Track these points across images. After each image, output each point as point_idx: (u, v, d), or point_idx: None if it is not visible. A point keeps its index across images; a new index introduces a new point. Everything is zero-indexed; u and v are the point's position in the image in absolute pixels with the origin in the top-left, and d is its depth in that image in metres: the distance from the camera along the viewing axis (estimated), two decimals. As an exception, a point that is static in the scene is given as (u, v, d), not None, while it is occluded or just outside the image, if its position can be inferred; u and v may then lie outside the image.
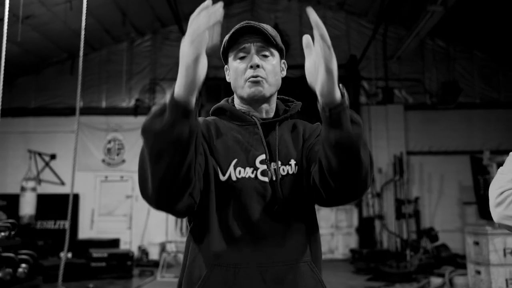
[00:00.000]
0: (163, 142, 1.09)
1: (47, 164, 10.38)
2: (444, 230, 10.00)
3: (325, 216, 11.04)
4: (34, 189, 9.07)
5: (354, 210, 11.12)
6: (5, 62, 5.03)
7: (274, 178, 1.38)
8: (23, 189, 9.01)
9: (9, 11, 5.29)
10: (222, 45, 1.50)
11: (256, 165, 1.39)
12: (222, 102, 1.56)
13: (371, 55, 11.40)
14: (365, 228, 10.55)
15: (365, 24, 11.70)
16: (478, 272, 5.07)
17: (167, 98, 1.11)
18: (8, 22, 5.28)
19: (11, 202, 9.45)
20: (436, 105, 11.03)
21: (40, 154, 10.12)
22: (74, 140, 5.28)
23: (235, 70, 1.46)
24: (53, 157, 10.42)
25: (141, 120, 10.93)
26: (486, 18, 10.06)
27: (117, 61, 11.41)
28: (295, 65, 11.60)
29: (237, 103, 1.53)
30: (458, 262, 7.48)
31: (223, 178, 1.36)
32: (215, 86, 11.03)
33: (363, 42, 10.77)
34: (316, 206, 1.46)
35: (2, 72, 4.93)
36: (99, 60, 11.38)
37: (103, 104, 11.29)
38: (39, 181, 9.48)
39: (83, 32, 5.32)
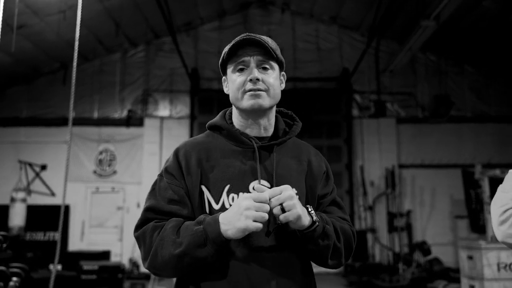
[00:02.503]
0: (202, 263, 1.29)
1: (37, 174, 10.26)
2: (436, 244, 10.00)
3: (317, 229, 10.98)
4: (24, 200, 8.95)
5: (347, 223, 11.08)
6: (-2, 72, 4.99)
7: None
8: (12, 199, 8.89)
9: (2, 21, 5.25)
10: (222, 57, 1.49)
11: (250, 191, 1.37)
12: (219, 118, 1.53)
13: (364, 69, 11.47)
14: (358, 241, 10.49)
15: (357, 38, 11.80)
16: (472, 287, 5.07)
17: (211, 234, 1.26)
18: (1, 31, 5.24)
19: (0, 213, 9.33)
20: (428, 118, 11.10)
21: (30, 165, 10.01)
22: (66, 151, 5.21)
23: (234, 83, 1.44)
24: (43, 167, 10.31)
25: (133, 131, 10.92)
26: (477, 33, 10.19)
27: (110, 72, 11.39)
28: (288, 77, 11.66)
29: (235, 116, 1.50)
30: (451, 276, 7.47)
31: (216, 207, 1.36)
32: (208, 97, 11.04)
33: (356, 55, 10.84)
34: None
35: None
36: (92, 70, 11.33)
37: (95, 115, 11.22)
38: (29, 191, 9.36)
39: (76, 43, 5.29)
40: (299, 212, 1.28)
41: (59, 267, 7.73)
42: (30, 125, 10.86)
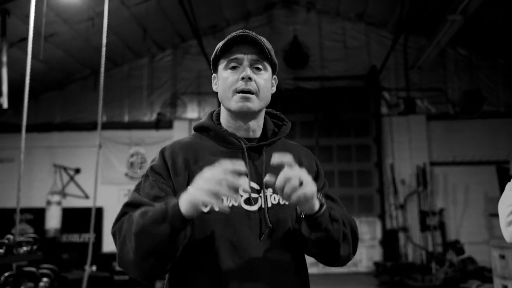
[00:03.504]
0: (160, 245, 1.17)
1: (71, 178, 10.55)
2: (470, 243, 9.76)
3: (348, 229, 10.88)
4: (59, 203, 9.22)
5: (378, 222, 10.96)
6: (31, 79, 5.17)
7: (259, 207, 1.34)
8: (48, 203, 9.16)
9: (33, 30, 5.44)
10: (214, 52, 1.45)
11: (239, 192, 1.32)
12: (206, 119, 1.49)
13: (392, 65, 11.31)
14: (389, 241, 10.36)
15: (385, 35, 11.64)
16: (505, 287, 4.95)
17: (171, 209, 1.16)
18: (33, 40, 5.42)
19: (37, 215, 9.62)
20: (459, 114, 10.85)
21: (65, 168, 10.29)
22: (98, 154, 5.37)
23: (225, 80, 1.40)
24: (77, 171, 10.58)
25: (162, 133, 11.09)
26: (509, 25, 9.90)
27: (139, 76, 11.60)
28: (315, 76, 11.64)
29: (224, 116, 1.46)
30: (485, 275, 7.28)
31: (204, 209, 1.24)
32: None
33: (383, 52, 10.70)
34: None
35: (27, 89, 5.06)
36: (121, 75, 11.57)
37: (126, 119, 11.45)
38: (64, 194, 9.63)
39: (103, 49, 5.42)
40: (314, 188, 1.21)
41: (94, 268, 7.93)
42: (64, 130, 11.17)
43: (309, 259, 1.45)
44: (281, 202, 1.37)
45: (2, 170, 10.65)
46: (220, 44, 1.42)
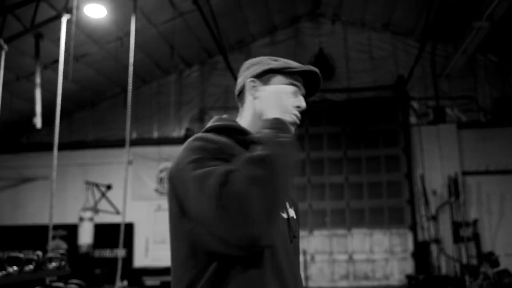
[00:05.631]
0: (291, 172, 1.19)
1: (103, 194, 10.79)
2: (506, 254, 9.44)
3: (379, 241, 10.74)
4: (91, 219, 9.44)
5: (409, 234, 10.75)
6: (63, 99, 5.37)
7: (289, 216, 1.38)
8: (81, 219, 9.40)
9: (64, 51, 5.66)
10: (283, 66, 1.43)
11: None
12: (232, 122, 1.45)
13: (420, 74, 11.17)
14: (421, 253, 10.14)
15: (411, 43, 11.51)
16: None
17: (289, 139, 1.22)
18: (65, 61, 5.64)
19: (71, 231, 9.88)
20: (491, 122, 10.59)
21: (97, 185, 10.54)
22: (126, 171, 5.52)
23: (280, 97, 1.39)
24: (109, 187, 10.82)
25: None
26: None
27: (167, 93, 11.82)
28: (341, 88, 11.61)
29: (249, 126, 1.42)
30: (523, 288, 7.03)
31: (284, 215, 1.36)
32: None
33: (410, 61, 10.58)
34: (369, 230, 1.50)
35: (59, 108, 5.26)
36: (150, 92, 11.83)
37: (155, 135, 11.68)
38: (96, 211, 9.86)
39: (131, 68, 5.59)
40: None
41: (125, 282, 8.06)
42: (96, 147, 11.47)
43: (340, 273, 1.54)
44: (291, 215, 1.42)
45: (38, 188, 11.00)
46: (296, 64, 1.44)
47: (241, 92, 1.48)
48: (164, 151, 11.33)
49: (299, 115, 1.39)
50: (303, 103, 1.40)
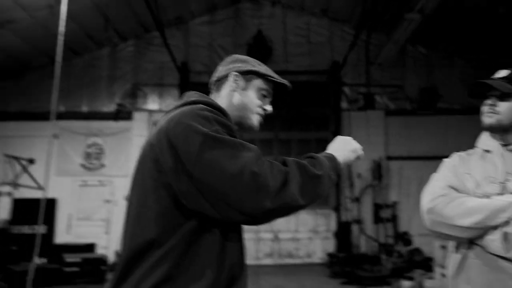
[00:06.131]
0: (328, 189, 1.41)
1: (25, 168, 10.36)
2: (420, 234, 10.03)
3: (304, 221, 11.09)
4: (9, 194, 9.05)
5: (333, 214, 11.17)
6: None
7: None
8: (-2, 193, 8.98)
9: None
10: (266, 74, 1.62)
11: None
12: (219, 105, 1.51)
13: (353, 61, 11.47)
14: (343, 232, 10.59)
15: (348, 31, 11.78)
16: (444, 275, 5.14)
17: (339, 166, 1.49)
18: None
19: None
20: (415, 110, 11.11)
21: (17, 159, 10.08)
22: (51, 145, 5.32)
23: (256, 99, 1.60)
24: (31, 161, 10.39)
25: (121, 124, 11.00)
26: (466, 26, 10.16)
27: (99, 66, 11.46)
28: (278, 70, 11.64)
29: (232, 114, 1.55)
30: (430, 265, 7.52)
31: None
32: (198, 91, 11.07)
33: (346, 48, 10.85)
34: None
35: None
36: (81, 65, 11.41)
37: (84, 109, 11.31)
38: (15, 185, 9.44)
39: (61, 37, 5.36)
40: None
41: (45, 260, 7.84)
42: (19, 119, 10.96)
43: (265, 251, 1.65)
44: None
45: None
46: (274, 75, 1.64)
47: (220, 80, 1.61)
48: (93, 126, 11.02)
49: (263, 116, 1.61)
50: (270, 108, 1.63)
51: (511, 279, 1.51)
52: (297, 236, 11.08)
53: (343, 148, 1.53)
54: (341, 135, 1.60)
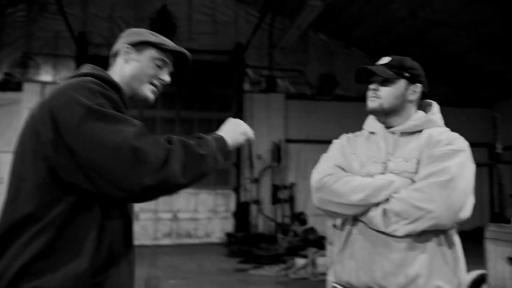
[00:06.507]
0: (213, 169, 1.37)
1: None
2: (315, 215, 10.52)
3: (204, 201, 11.13)
4: None
5: (232, 194, 11.33)
6: None
7: None
8: None
9: None
10: (158, 42, 1.53)
11: None
12: (109, 75, 1.46)
13: (257, 44, 11.60)
14: (242, 212, 10.81)
15: (253, 13, 11.86)
16: (334, 252, 5.45)
17: (226, 147, 1.44)
18: None
19: None
20: (314, 96, 11.56)
21: None
22: None
23: (147, 69, 1.52)
24: None
25: (10, 96, 10.13)
26: (364, 18, 10.73)
27: (-16, 30, 10.41)
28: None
29: (124, 84, 1.50)
30: (323, 244, 7.93)
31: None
32: (96, 64, 10.50)
33: (250, 30, 10.92)
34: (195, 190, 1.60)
35: None
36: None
37: (-35, 77, 10.24)
38: None
39: None
40: None
41: None
42: None
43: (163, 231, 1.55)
44: None
45: None
46: (170, 43, 1.56)
47: (115, 54, 1.56)
48: (-25, 95, 10.02)
49: (159, 86, 1.54)
50: (166, 78, 1.55)
51: (390, 251, 1.62)
52: (196, 216, 11.09)
53: (233, 130, 1.48)
54: (243, 117, 1.62)
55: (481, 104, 12.82)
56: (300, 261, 7.16)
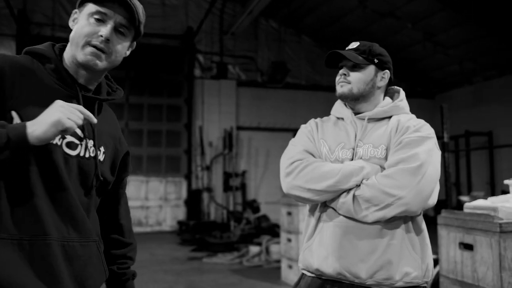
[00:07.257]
0: None
1: None
2: (267, 202, 10.64)
3: (155, 188, 10.92)
4: None
5: (184, 182, 11.19)
6: None
7: (87, 155, 1.35)
8: None
9: None
10: None
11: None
12: (47, 47, 1.36)
13: (208, 29, 11.42)
14: (193, 200, 10.70)
15: (204, -3, 11.64)
16: (289, 240, 5.47)
17: (18, 139, 1.14)
18: None
19: None
20: (266, 83, 11.56)
21: None
22: None
23: (83, 27, 1.32)
24: None
25: None
26: (314, 6, 10.79)
27: None
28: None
29: (67, 57, 1.37)
30: (276, 231, 8.00)
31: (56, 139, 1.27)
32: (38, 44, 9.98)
33: (201, 15, 10.71)
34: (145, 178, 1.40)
35: None
36: None
37: None
38: None
39: None
40: None
41: None
42: None
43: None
44: (101, 159, 1.41)
45: None
46: None
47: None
48: None
49: (100, 45, 1.31)
50: (104, 31, 1.31)
51: (359, 238, 1.61)
52: (146, 204, 10.86)
53: (42, 120, 1.21)
54: (193, 103, 1.49)
55: (424, 95, 13.32)
56: (254, 249, 7.17)
